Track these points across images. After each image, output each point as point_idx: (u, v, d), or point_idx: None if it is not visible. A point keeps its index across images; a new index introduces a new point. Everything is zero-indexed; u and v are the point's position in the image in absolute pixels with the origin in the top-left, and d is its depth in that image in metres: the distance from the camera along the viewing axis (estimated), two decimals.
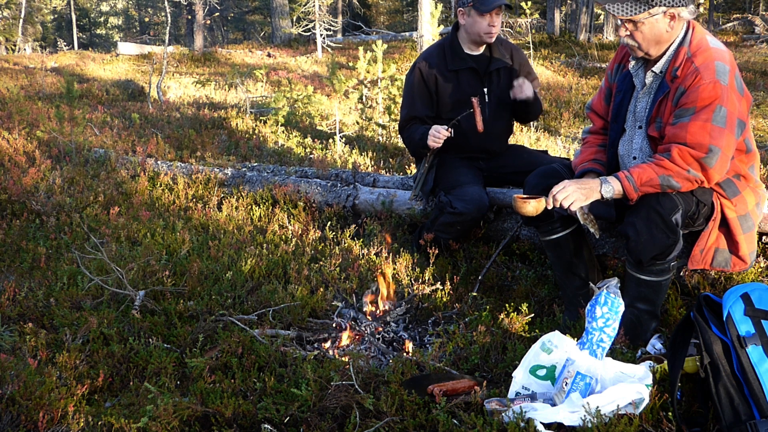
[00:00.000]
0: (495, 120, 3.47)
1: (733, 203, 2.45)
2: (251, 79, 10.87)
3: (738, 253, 2.48)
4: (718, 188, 2.44)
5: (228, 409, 2.09)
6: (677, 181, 2.33)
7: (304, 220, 3.97)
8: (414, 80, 3.50)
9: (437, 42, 3.59)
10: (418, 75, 3.49)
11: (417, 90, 3.49)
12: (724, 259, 2.49)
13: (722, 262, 2.50)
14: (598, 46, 14.78)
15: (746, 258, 2.49)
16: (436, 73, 3.44)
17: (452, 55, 3.45)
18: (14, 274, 3.35)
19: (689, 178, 2.32)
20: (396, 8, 29.10)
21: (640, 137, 2.55)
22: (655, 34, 2.37)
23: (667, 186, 2.34)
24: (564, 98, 8.85)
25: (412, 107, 3.50)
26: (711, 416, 1.96)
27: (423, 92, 3.48)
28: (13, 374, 2.20)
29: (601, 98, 2.77)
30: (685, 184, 2.34)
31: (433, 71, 3.45)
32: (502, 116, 3.53)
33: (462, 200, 3.22)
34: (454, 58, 3.45)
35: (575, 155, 2.82)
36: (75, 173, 4.76)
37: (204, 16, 20.83)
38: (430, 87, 3.47)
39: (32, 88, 9.98)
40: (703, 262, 2.50)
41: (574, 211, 2.50)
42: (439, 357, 2.48)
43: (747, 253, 2.49)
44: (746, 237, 2.48)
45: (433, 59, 3.48)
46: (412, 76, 3.51)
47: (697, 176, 2.32)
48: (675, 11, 2.33)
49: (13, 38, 20.60)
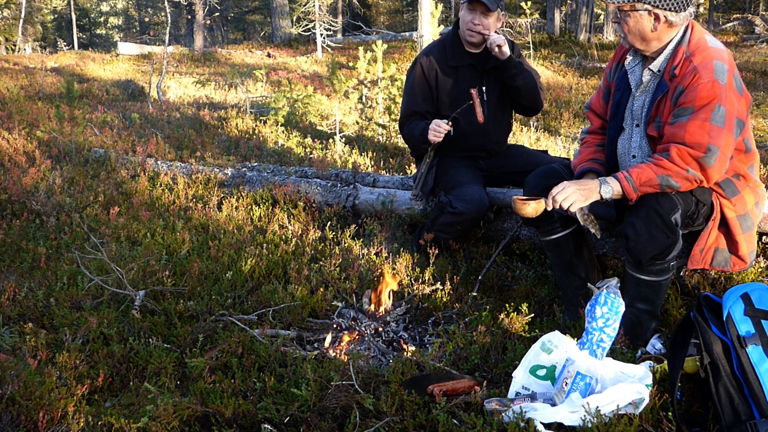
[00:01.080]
0: (494, 117, 3.47)
1: (733, 203, 2.45)
2: (251, 79, 10.87)
3: (738, 253, 2.48)
4: (717, 188, 2.44)
5: (228, 409, 2.09)
6: (676, 181, 2.33)
7: (304, 220, 3.97)
8: (415, 75, 3.49)
9: (439, 38, 3.60)
10: (419, 70, 3.48)
11: (418, 84, 3.49)
12: (724, 258, 2.49)
13: (722, 262, 2.50)
14: (598, 46, 14.78)
15: (746, 258, 2.49)
16: (437, 68, 3.45)
17: (453, 51, 3.46)
18: (14, 274, 3.35)
19: (688, 178, 2.32)
20: (396, 8, 29.10)
21: (639, 135, 2.55)
22: (639, 30, 2.39)
23: (666, 186, 2.34)
24: (564, 98, 8.85)
25: (413, 101, 3.50)
26: (711, 416, 1.96)
27: (424, 87, 3.48)
28: (13, 374, 2.20)
29: (600, 97, 2.77)
30: (684, 184, 2.34)
31: (434, 66, 3.45)
32: (502, 114, 3.53)
33: (462, 200, 3.22)
34: (454, 54, 3.45)
35: (575, 155, 2.83)
36: (75, 173, 4.76)
37: (204, 16, 20.82)
38: (430, 82, 3.47)
39: (32, 88, 9.98)
40: (703, 261, 2.50)
41: (574, 213, 2.51)
42: (439, 357, 2.48)
43: (747, 253, 2.49)
44: (746, 237, 2.48)
45: (434, 54, 3.48)
46: (413, 71, 3.51)
47: (696, 176, 2.32)
48: (661, 13, 2.33)
49: (13, 38, 20.60)
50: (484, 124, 3.40)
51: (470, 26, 3.32)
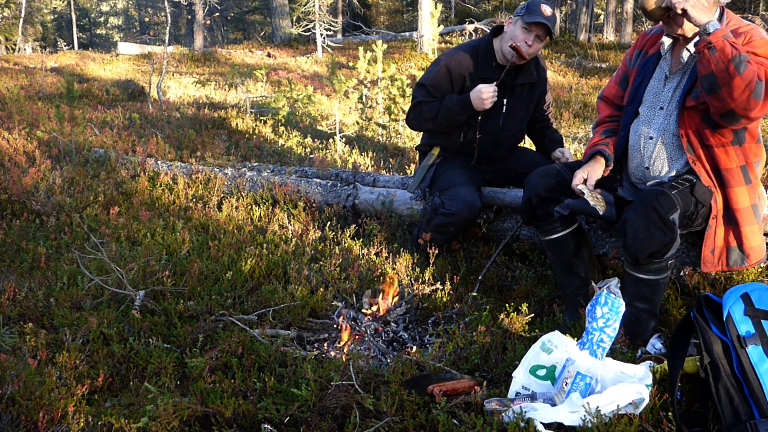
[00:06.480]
0: (508, 131, 3.44)
1: (747, 190, 2.48)
2: (251, 79, 10.87)
3: (752, 246, 2.49)
4: (731, 175, 2.45)
5: (228, 409, 2.09)
6: (748, 65, 2.24)
7: (304, 220, 3.97)
8: (440, 75, 3.38)
9: (470, 43, 3.47)
10: (444, 71, 3.37)
11: (441, 85, 3.38)
12: (739, 257, 2.50)
13: (738, 261, 2.50)
14: (598, 46, 14.79)
15: (760, 250, 2.50)
16: (464, 75, 3.36)
17: (485, 62, 3.36)
18: (14, 274, 3.35)
19: (756, 77, 2.24)
20: (396, 8, 29.08)
21: (661, 117, 2.57)
22: (701, 6, 2.38)
23: (737, 62, 2.24)
24: (564, 98, 8.85)
25: (432, 97, 3.38)
26: (711, 416, 1.96)
27: (446, 89, 3.38)
28: (13, 374, 2.20)
29: (616, 84, 2.83)
30: (749, 73, 2.24)
31: (462, 73, 3.36)
32: (519, 128, 3.52)
33: (453, 200, 3.23)
34: (486, 64, 3.36)
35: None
36: (75, 173, 4.76)
37: (204, 16, 20.84)
38: (455, 87, 3.38)
39: (32, 88, 9.98)
40: (720, 263, 2.50)
41: (580, 190, 2.54)
42: (439, 357, 2.48)
43: (760, 244, 2.50)
44: (759, 227, 2.51)
45: (464, 60, 3.37)
46: (437, 69, 3.39)
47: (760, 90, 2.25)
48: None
49: (13, 38, 20.59)
50: (498, 136, 3.38)
51: (523, 46, 3.20)
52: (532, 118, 3.59)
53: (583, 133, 7.02)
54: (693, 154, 2.50)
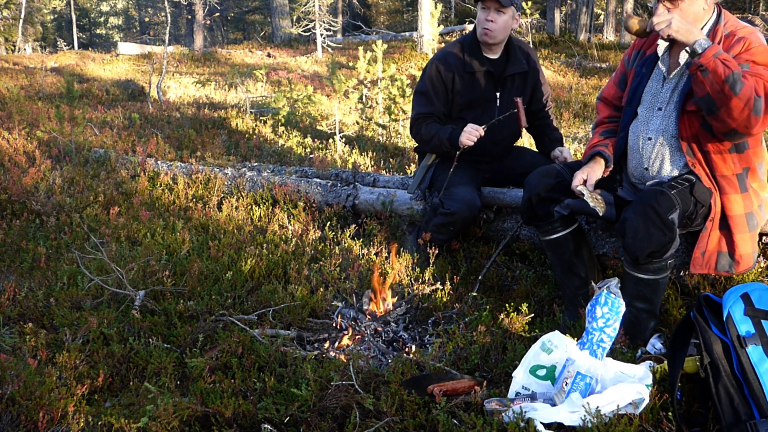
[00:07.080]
0: (504, 125, 3.46)
1: (742, 198, 2.46)
2: (251, 79, 10.87)
3: (740, 255, 2.48)
4: (726, 182, 2.45)
5: (228, 409, 2.09)
6: (743, 82, 2.22)
7: (304, 220, 3.97)
8: (432, 76, 3.42)
9: (457, 39, 3.54)
10: (435, 72, 3.41)
11: (434, 86, 3.42)
12: (728, 263, 2.49)
13: (725, 266, 2.49)
14: (598, 46, 14.77)
15: (749, 259, 2.49)
16: (453, 72, 3.39)
17: (471, 56, 3.40)
18: (14, 274, 3.35)
19: (754, 93, 2.22)
20: (396, 8, 29.08)
21: (660, 118, 2.56)
22: (694, 12, 2.41)
23: (732, 82, 2.22)
24: (564, 98, 8.85)
25: (430, 102, 3.43)
26: (711, 416, 1.96)
27: (441, 90, 3.42)
28: (13, 374, 2.20)
29: (615, 85, 2.82)
30: (746, 92, 2.22)
31: (451, 70, 3.39)
32: (512, 122, 3.52)
33: (453, 200, 3.23)
34: (472, 59, 3.39)
35: None
36: (75, 173, 4.76)
37: (204, 16, 20.83)
38: (447, 85, 3.41)
39: (32, 88, 9.97)
40: (707, 266, 2.50)
41: (580, 191, 2.53)
42: (439, 357, 2.48)
43: (750, 253, 2.49)
44: (751, 236, 2.49)
45: (451, 57, 3.41)
46: (429, 72, 3.44)
47: (759, 104, 2.23)
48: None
49: (13, 38, 20.60)
50: (494, 132, 3.39)
51: (484, 24, 3.27)
52: (532, 113, 3.58)
53: (583, 133, 7.02)
54: (693, 158, 2.49)
